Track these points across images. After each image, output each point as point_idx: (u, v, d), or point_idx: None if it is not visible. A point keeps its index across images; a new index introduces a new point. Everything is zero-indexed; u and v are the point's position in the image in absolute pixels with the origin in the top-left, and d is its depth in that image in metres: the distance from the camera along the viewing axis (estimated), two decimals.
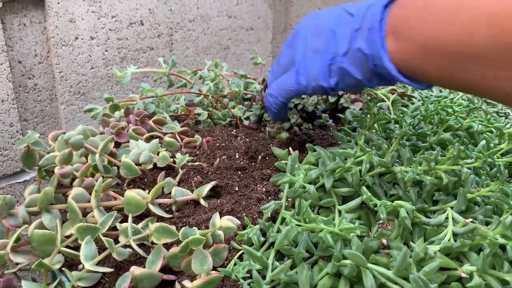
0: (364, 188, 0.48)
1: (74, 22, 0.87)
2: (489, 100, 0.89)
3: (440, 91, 0.78)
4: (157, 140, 0.67)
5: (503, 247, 0.44)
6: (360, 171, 0.51)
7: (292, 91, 0.55)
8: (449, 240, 0.45)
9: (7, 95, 0.81)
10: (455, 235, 0.46)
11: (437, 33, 0.40)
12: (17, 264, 0.53)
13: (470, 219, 0.47)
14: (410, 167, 0.51)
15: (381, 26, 0.46)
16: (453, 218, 0.47)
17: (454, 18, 0.39)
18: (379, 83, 0.49)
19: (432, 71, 0.43)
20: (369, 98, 0.81)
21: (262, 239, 0.48)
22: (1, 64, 0.79)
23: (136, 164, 0.61)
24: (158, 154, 0.65)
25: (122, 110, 0.79)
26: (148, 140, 0.70)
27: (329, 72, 0.50)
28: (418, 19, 0.43)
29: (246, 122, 0.84)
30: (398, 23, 0.45)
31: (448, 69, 0.41)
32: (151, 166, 0.63)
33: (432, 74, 0.44)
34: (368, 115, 0.60)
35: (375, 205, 0.47)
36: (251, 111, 0.87)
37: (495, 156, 0.54)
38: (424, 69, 0.44)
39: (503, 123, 0.66)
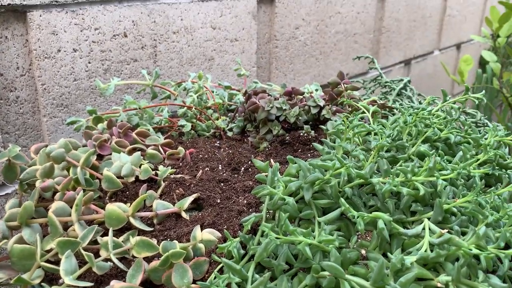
0: (342, 199, 0.49)
1: (56, 34, 0.87)
2: (468, 110, 0.91)
3: (420, 103, 0.79)
4: (139, 153, 0.67)
5: (478, 257, 0.45)
6: (339, 183, 0.51)
7: None
8: (425, 250, 0.46)
9: None
10: (431, 245, 0.47)
11: None
12: None
13: (446, 230, 0.48)
14: (388, 178, 0.52)
15: None
16: (430, 229, 0.48)
17: None
18: None
19: None
20: (350, 109, 0.82)
21: (242, 252, 0.48)
22: None
23: (118, 177, 0.61)
24: (140, 167, 0.65)
25: (105, 122, 0.79)
26: (130, 152, 0.70)
27: None
28: None
29: (230, 133, 0.85)
30: None
31: None
32: (133, 179, 0.64)
33: None
34: (348, 127, 0.61)
35: (354, 217, 0.48)
36: (234, 122, 0.88)
37: (471, 167, 0.55)
38: None
39: (480, 133, 0.67)
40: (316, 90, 0.99)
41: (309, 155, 0.72)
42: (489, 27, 1.74)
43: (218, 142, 0.81)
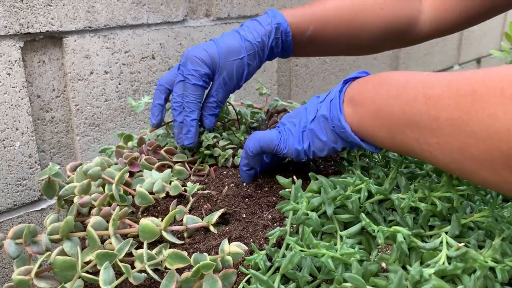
0: (363, 214, 0.51)
1: (89, 58, 0.92)
2: None
3: None
4: (169, 170, 0.71)
5: (495, 270, 0.47)
6: (359, 198, 0.54)
7: (272, 143, 0.63)
8: (443, 263, 0.48)
9: (27, 128, 0.86)
10: (449, 258, 0.49)
11: (386, 102, 0.50)
12: None
13: (463, 244, 0.50)
14: (407, 194, 0.54)
15: (340, 95, 0.56)
16: (447, 243, 0.51)
17: (402, 93, 0.49)
18: (343, 145, 0.58)
19: (379, 134, 0.52)
20: None
21: (269, 264, 0.51)
22: (22, 99, 0.84)
23: (150, 193, 0.65)
24: (170, 183, 0.69)
25: (135, 140, 0.84)
26: (159, 169, 0.74)
27: (302, 137, 0.60)
28: (372, 91, 0.53)
29: None
30: (356, 93, 0.55)
31: (391, 132, 0.50)
32: (163, 194, 0.67)
33: (379, 136, 0.53)
34: None
35: (374, 231, 0.50)
36: None
37: None
38: (373, 131, 0.53)
39: None
40: None
41: (330, 171, 0.75)
42: (509, 41, 1.75)
43: None
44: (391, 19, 0.80)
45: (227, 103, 0.95)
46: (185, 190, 0.69)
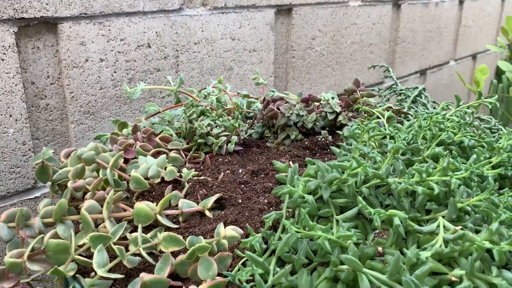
0: (359, 198, 0.51)
1: (84, 45, 0.91)
2: (482, 117, 0.93)
3: (434, 108, 0.81)
4: (164, 155, 0.70)
5: (491, 253, 0.47)
6: (356, 182, 0.54)
7: None
8: (440, 246, 0.48)
9: (21, 114, 0.85)
10: (446, 242, 0.49)
11: None
12: (30, 275, 0.56)
13: (460, 227, 0.49)
14: (404, 178, 0.54)
15: None
16: (444, 226, 0.50)
17: None
18: None
19: None
20: (366, 115, 0.84)
21: (264, 246, 0.51)
22: (16, 85, 0.83)
23: (145, 178, 0.65)
24: (165, 169, 0.68)
25: (130, 128, 0.83)
26: (154, 155, 0.74)
27: None
28: None
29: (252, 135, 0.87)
30: None
31: None
32: (158, 180, 0.67)
33: None
34: (363, 131, 0.64)
35: (371, 214, 0.50)
36: (253, 128, 0.91)
37: (484, 168, 0.57)
38: None
39: (494, 138, 0.69)
40: (333, 98, 1.01)
41: (326, 159, 0.74)
42: (505, 36, 1.75)
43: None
44: None
45: (223, 93, 0.95)
46: (181, 176, 0.68)
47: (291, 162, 0.67)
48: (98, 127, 0.98)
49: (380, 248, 0.52)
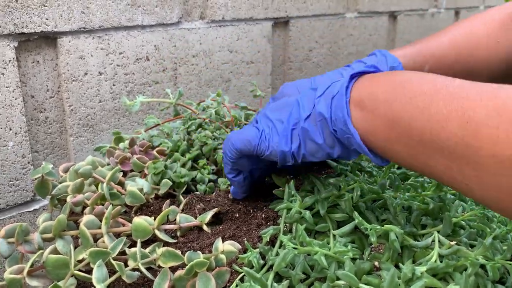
0: (356, 213, 0.52)
1: (83, 58, 0.92)
2: None
3: None
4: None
5: (486, 268, 0.47)
6: (352, 197, 0.54)
7: (250, 144, 0.53)
8: (435, 261, 0.48)
9: (20, 128, 0.85)
10: (441, 256, 0.49)
11: (408, 113, 0.40)
12: None
13: (455, 242, 0.50)
14: (399, 193, 0.55)
15: (346, 92, 0.46)
16: (439, 241, 0.51)
17: (429, 106, 0.38)
18: (341, 152, 0.49)
19: (395, 148, 0.42)
20: None
21: (262, 262, 0.51)
22: (16, 99, 0.84)
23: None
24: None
25: (127, 142, 0.84)
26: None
27: (291, 136, 0.50)
28: (388, 94, 0.42)
29: None
30: (366, 93, 0.45)
31: (413, 150, 0.41)
32: (153, 195, 0.67)
33: (394, 151, 0.43)
34: None
35: (367, 230, 0.51)
36: None
37: None
38: (386, 144, 0.43)
39: None
40: None
41: (323, 172, 0.75)
42: None
43: None
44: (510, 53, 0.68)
45: (222, 105, 0.95)
46: (175, 190, 0.69)
47: (288, 177, 0.67)
48: (97, 139, 0.99)
49: (376, 263, 0.52)
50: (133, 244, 0.58)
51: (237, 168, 0.58)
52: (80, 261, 0.54)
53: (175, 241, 0.58)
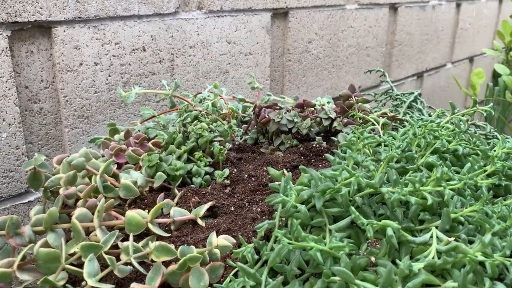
0: (352, 208, 0.50)
1: (79, 49, 0.91)
2: (478, 123, 0.92)
3: (430, 115, 0.81)
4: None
5: (485, 265, 0.46)
6: (349, 192, 0.53)
7: None
8: (433, 258, 0.48)
9: (14, 119, 0.84)
10: (439, 253, 0.48)
11: None
12: (21, 282, 0.56)
13: (453, 238, 0.49)
14: (397, 188, 0.53)
15: None
16: (437, 237, 0.50)
17: None
18: None
19: None
20: (361, 121, 0.84)
21: (256, 257, 0.50)
22: (9, 89, 0.82)
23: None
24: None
25: (122, 133, 0.82)
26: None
27: None
28: None
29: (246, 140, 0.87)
30: None
31: None
32: (147, 188, 0.66)
33: None
34: (358, 138, 0.63)
35: (364, 225, 0.50)
36: (248, 134, 0.90)
37: (478, 178, 0.57)
38: None
39: (489, 145, 0.69)
40: (328, 102, 1.01)
41: (320, 165, 0.74)
42: (501, 40, 1.75)
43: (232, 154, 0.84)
44: None
45: (219, 97, 0.94)
46: (170, 183, 0.68)
47: (285, 170, 0.66)
48: (92, 131, 0.97)
49: (373, 258, 0.51)
50: (126, 238, 0.57)
51: None
52: (71, 255, 0.53)
53: (169, 235, 0.57)
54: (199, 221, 0.59)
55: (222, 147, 0.72)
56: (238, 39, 1.21)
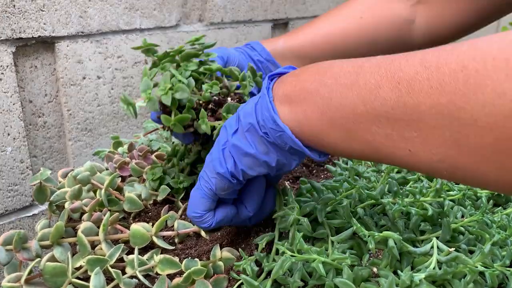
0: (354, 219, 0.51)
1: (82, 63, 0.92)
2: None
3: None
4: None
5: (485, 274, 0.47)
6: (351, 203, 0.54)
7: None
8: (434, 268, 0.48)
9: (19, 133, 0.85)
10: (439, 263, 0.49)
11: (336, 94, 0.40)
12: None
13: (454, 248, 0.50)
14: (398, 199, 0.54)
15: (268, 92, 0.45)
16: (438, 247, 0.51)
17: (356, 80, 0.38)
18: (277, 156, 0.46)
19: (330, 134, 0.41)
20: None
21: (256, 268, 0.51)
22: (14, 104, 0.84)
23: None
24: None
25: (126, 146, 0.83)
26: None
27: (223, 156, 0.49)
28: (314, 82, 0.42)
29: None
30: (291, 88, 0.44)
31: (348, 131, 0.40)
32: (151, 201, 0.67)
33: (330, 137, 0.42)
34: None
35: (365, 236, 0.51)
36: None
37: (478, 188, 0.58)
38: (320, 132, 0.42)
39: None
40: None
41: (322, 176, 0.75)
42: None
43: None
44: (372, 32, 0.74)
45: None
46: (174, 196, 0.69)
47: (286, 182, 0.67)
48: (95, 143, 0.98)
49: (375, 269, 0.52)
50: (131, 251, 0.58)
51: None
52: (77, 269, 0.54)
53: (173, 247, 0.58)
54: (203, 234, 0.59)
55: None
56: None
